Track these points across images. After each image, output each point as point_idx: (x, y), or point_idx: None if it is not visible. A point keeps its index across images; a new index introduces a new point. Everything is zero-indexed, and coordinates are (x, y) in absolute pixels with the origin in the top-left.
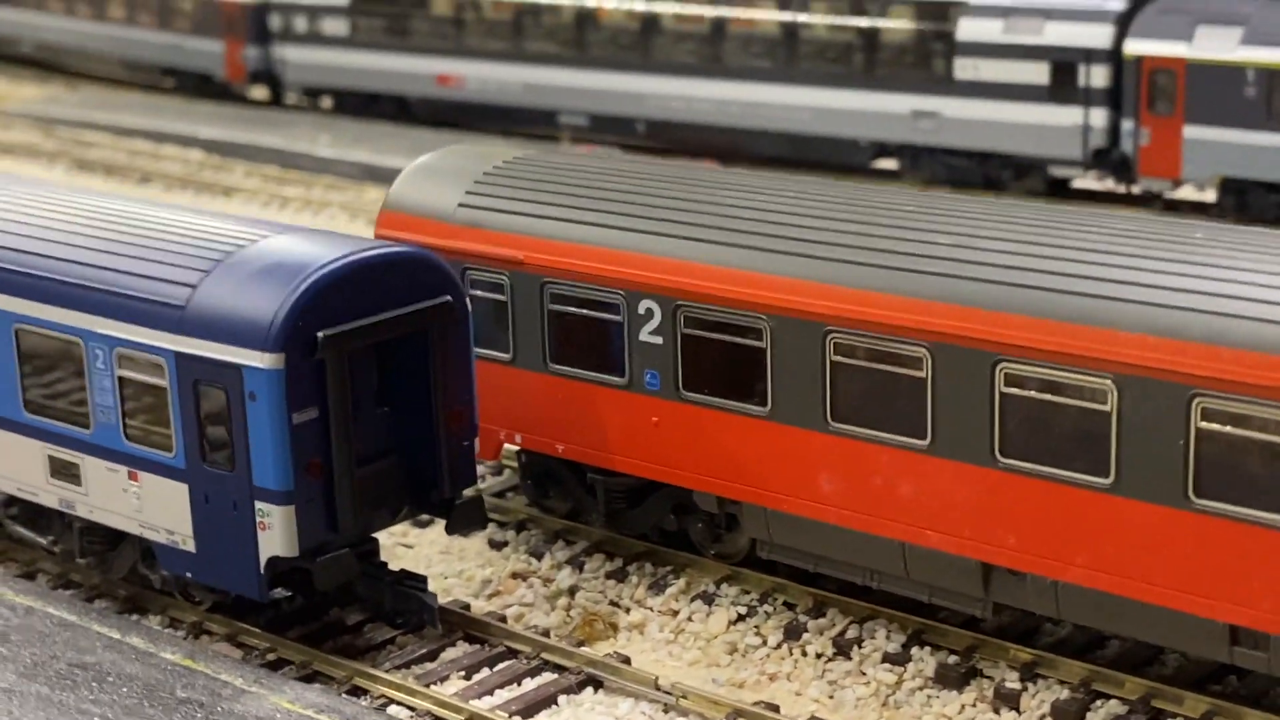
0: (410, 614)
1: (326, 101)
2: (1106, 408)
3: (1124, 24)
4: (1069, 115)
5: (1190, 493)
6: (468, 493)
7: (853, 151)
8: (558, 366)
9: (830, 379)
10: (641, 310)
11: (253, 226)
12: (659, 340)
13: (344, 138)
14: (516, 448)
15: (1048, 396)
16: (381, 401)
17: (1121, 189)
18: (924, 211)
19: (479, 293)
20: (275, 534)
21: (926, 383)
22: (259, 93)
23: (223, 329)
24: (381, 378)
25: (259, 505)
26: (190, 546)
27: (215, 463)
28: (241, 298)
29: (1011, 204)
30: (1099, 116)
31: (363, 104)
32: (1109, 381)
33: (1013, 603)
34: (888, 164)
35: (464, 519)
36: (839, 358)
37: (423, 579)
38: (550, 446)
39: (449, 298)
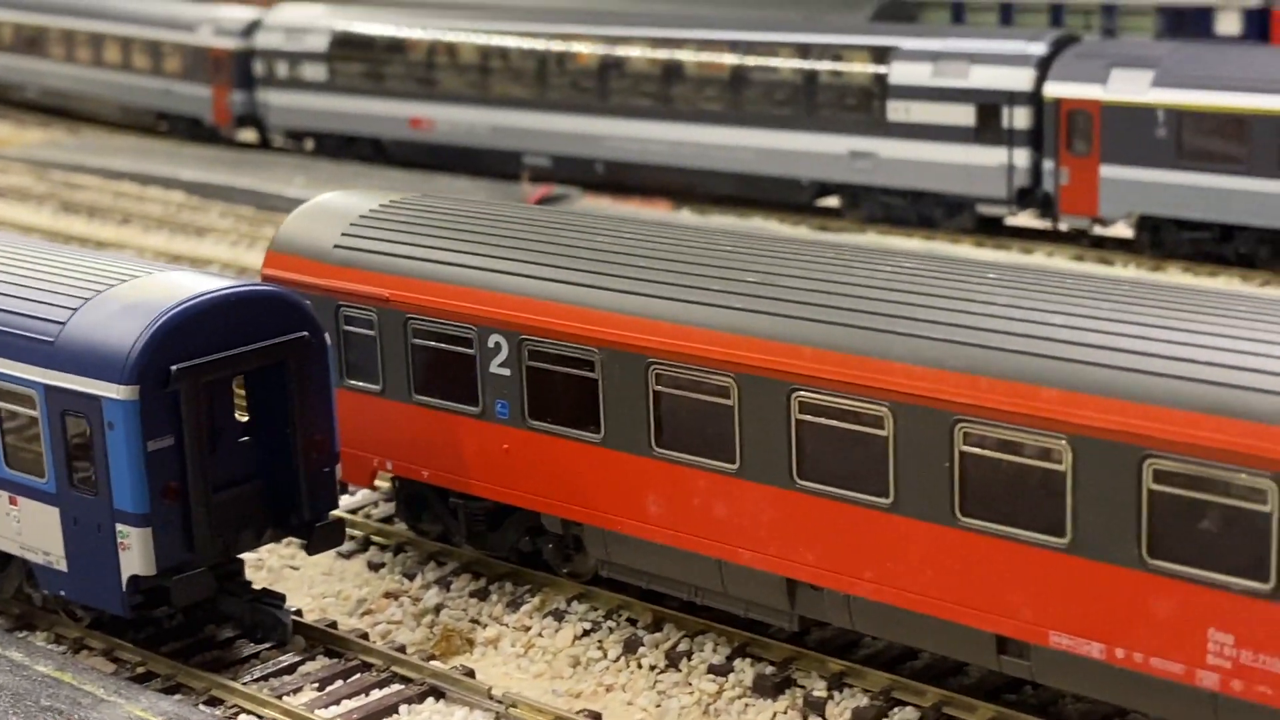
0: (268, 629)
1: (309, 144)
2: (884, 433)
3: (1045, 67)
4: (994, 155)
5: (957, 511)
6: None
7: (796, 190)
8: (421, 397)
9: (654, 407)
10: (491, 344)
11: (132, 265)
12: (507, 372)
13: (318, 179)
14: (390, 474)
15: (835, 423)
16: (246, 430)
17: (1049, 227)
18: (744, 251)
19: (353, 329)
20: (135, 554)
21: (734, 411)
22: (247, 136)
23: (86, 362)
24: (249, 408)
25: (119, 527)
26: (63, 566)
27: (81, 487)
28: (103, 333)
29: (820, 244)
30: (1022, 156)
31: (341, 146)
32: (885, 409)
33: (815, 616)
34: (831, 202)
35: (323, 540)
36: (660, 388)
37: (281, 597)
38: (417, 472)
39: (305, 333)
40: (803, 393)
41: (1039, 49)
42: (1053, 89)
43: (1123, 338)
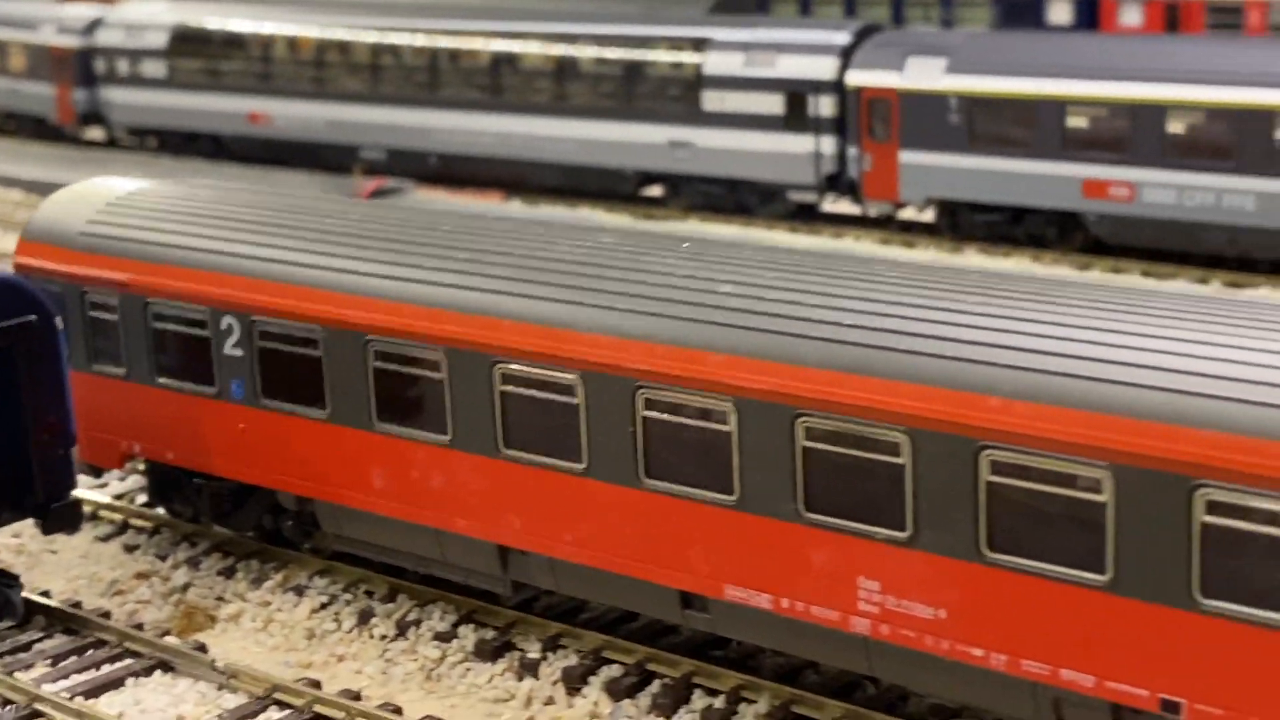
0: (0, 610)
1: (154, 141)
2: (576, 400)
3: (847, 56)
4: (801, 143)
5: (642, 474)
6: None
7: (619, 181)
8: (163, 380)
9: (374, 383)
10: (224, 325)
11: None
12: (240, 353)
13: (157, 176)
14: (139, 457)
15: (534, 393)
16: None
17: (861, 212)
18: (461, 231)
19: (97, 314)
20: None
21: (445, 383)
22: (95, 134)
23: None
24: None
25: None
26: None
27: None
28: None
29: (533, 224)
30: (828, 144)
31: (183, 142)
32: (576, 377)
33: (526, 580)
34: (654, 192)
35: (59, 521)
36: (379, 364)
37: (14, 578)
38: (163, 454)
39: (33, 317)
40: (504, 364)
41: (842, 39)
42: (854, 77)
43: (781, 304)
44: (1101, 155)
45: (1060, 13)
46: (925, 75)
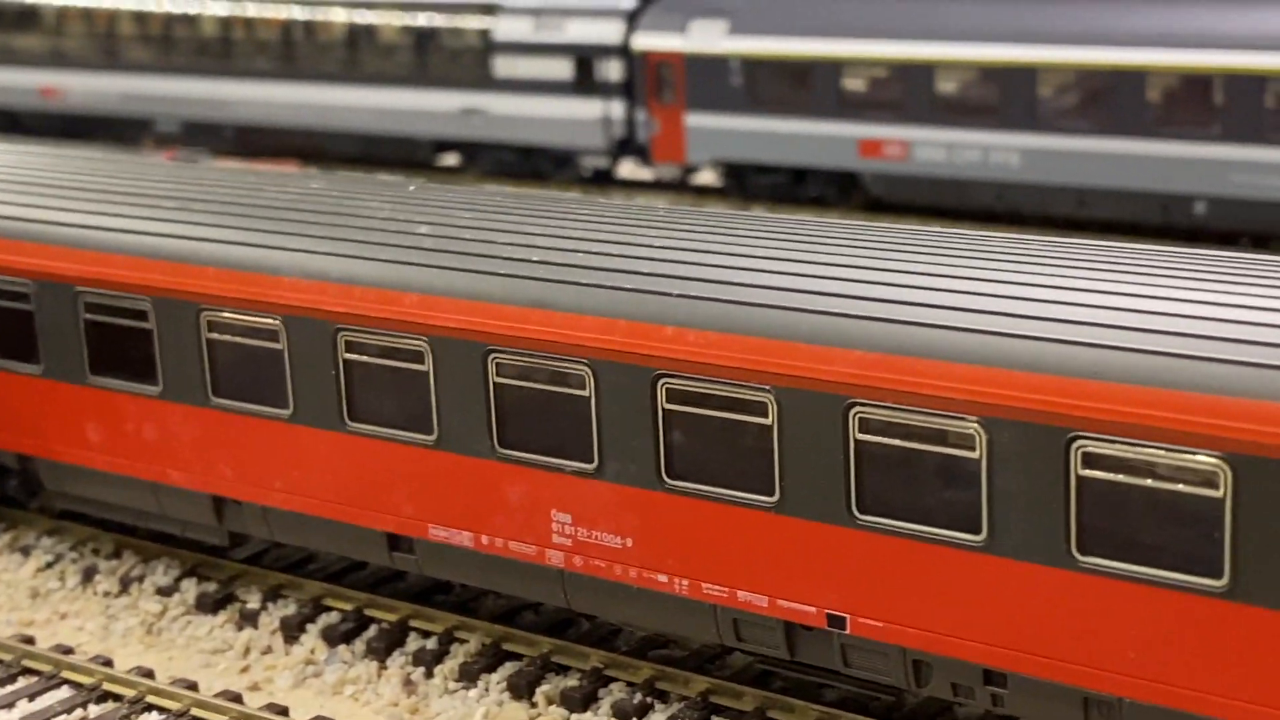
0: None
1: None
2: (279, 346)
3: (634, 20)
4: (591, 108)
5: (345, 417)
6: None
7: (415, 148)
8: None
9: (85, 335)
10: None
11: None
12: None
13: None
14: None
15: (240, 340)
16: None
17: (670, 177)
18: (175, 181)
19: None
20: None
21: (152, 334)
22: None
23: None
24: None
25: None
26: None
27: None
28: None
29: (260, 175)
30: (617, 108)
31: None
32: (279, 322)
33: (243, 530)
34: (451, 160)
35: None
36: (89, 315)
37: None
38: None
39: None
40: (209, 312)
41: (628, 3)
42: (640, 41)
43: (475, 243)
44: (875, 115)
45: None
46: (707, 38)
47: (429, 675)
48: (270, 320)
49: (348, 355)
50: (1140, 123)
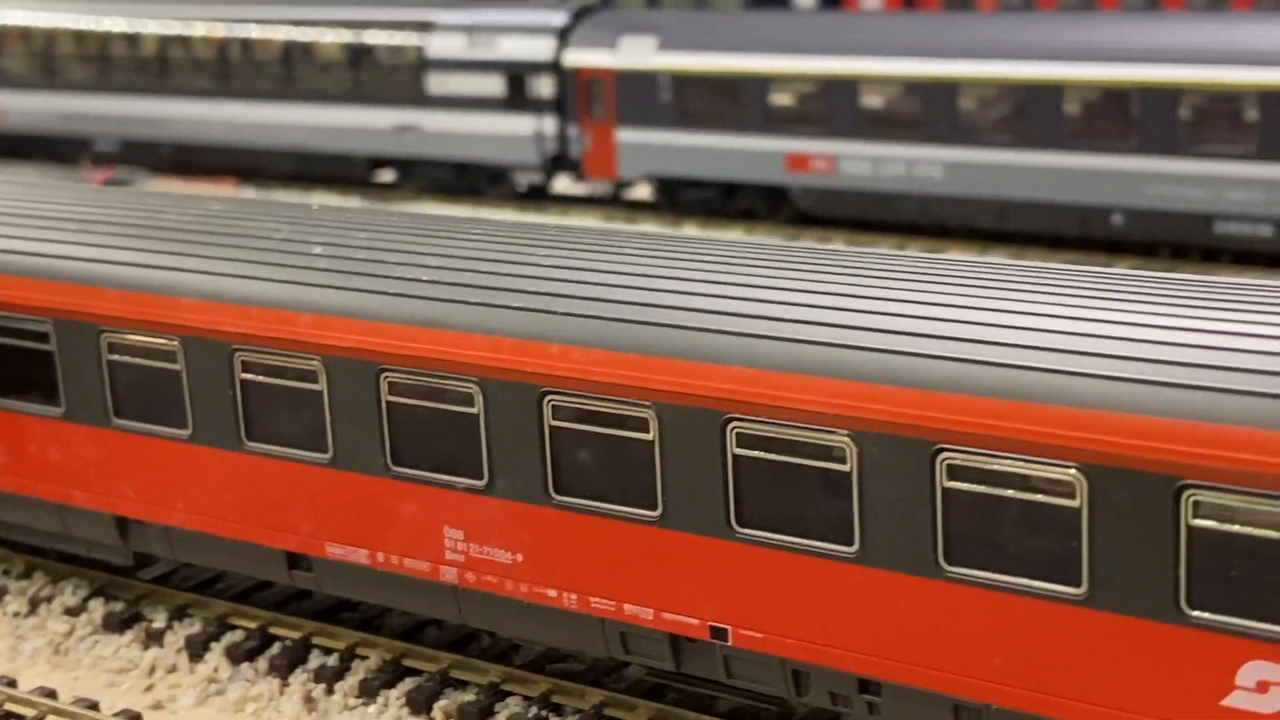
0: None
1: None
2: (177, 366)
3: (565, 37)
4: (523, 124)
5: (243, 437)
6: None
7: (351, 165)
8: None
9: None
10: None
11: None
12: None
13: None
14: None
15: (140, 361)
16: None
17: (604, 193)
18: (79, 203)
19: None
20: None
21: (55, 356)
22: None
23: None
24: None
25: None
26: None
27: None
28: None
29: (149, 196)
30: (549, 124)
31: None
32: (177, 343)
33: (146, 550)
34: (387, 177)
35: None
36: None
37: None
38: None
39: None
40: (109, 334)
41: (559, 19)
42: (571, 57)
43: (368, 263)
44: (802, 130)
45: None
46: (637, 54)
47: (330, 692)
48: (168, 341)
49: (244, 375)
50: (1058, 136)
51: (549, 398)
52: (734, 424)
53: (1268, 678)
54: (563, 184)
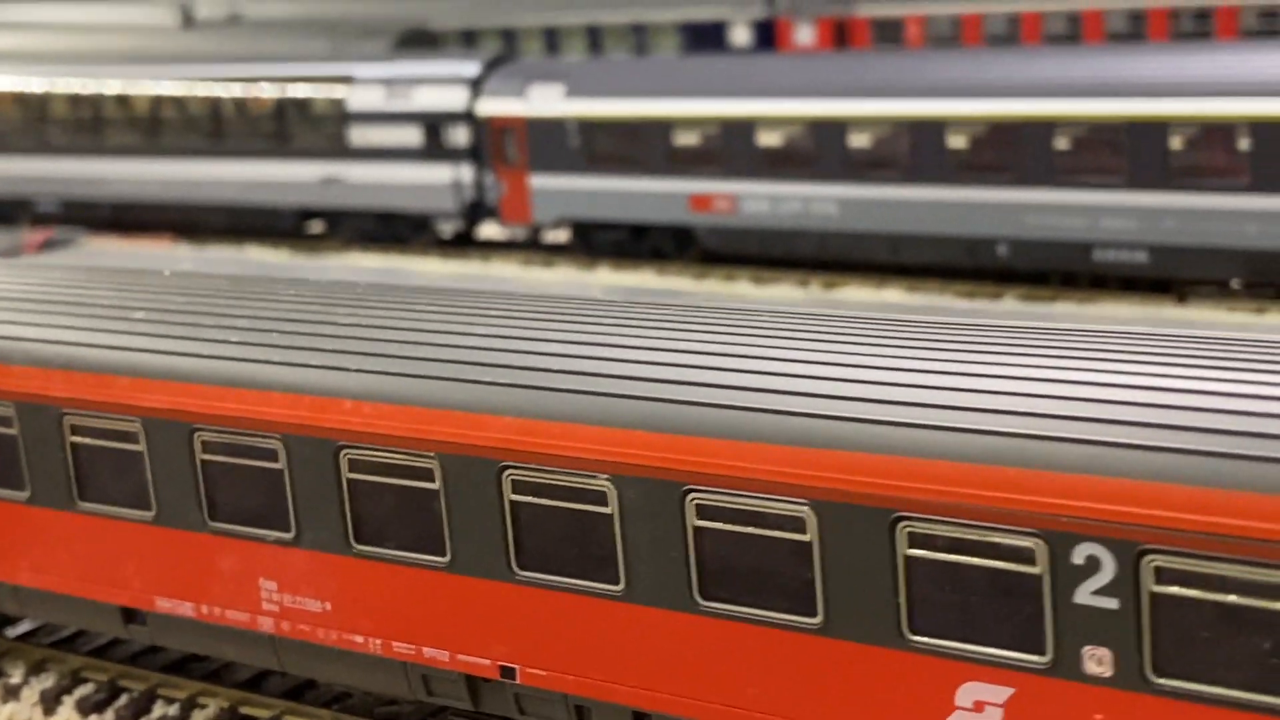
0: None
1: None
2: (13, 431)
3: (477, 86)
4: (441, 173)
5: (75, 497)
6: None
7: (280, 218)
8: None
9: None
10: None
11: None
12: None
13: None
14: None
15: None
16: None
17: (523, 238)
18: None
19: None
20: None
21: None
22: None
23: None
24: None
25: None
26: None
27: None
28: None
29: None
30: (466, 172)
31: None
32: (10, 407)
33: (1, 609)
34: (317, 228)
35: None
36: None
37: None
38: None
39: None
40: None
41: (471, 70)
42: (484, 106)
43: (184, 326)
44: (704, 171)
45: (741, 35)
46: (546, 101)
47: None
48: (3, 407)
49: (74, 438)
50: (943, 170)
51: (344, 451)
52: (509, 471)
53: (983, 698)
54: (489, 230)
